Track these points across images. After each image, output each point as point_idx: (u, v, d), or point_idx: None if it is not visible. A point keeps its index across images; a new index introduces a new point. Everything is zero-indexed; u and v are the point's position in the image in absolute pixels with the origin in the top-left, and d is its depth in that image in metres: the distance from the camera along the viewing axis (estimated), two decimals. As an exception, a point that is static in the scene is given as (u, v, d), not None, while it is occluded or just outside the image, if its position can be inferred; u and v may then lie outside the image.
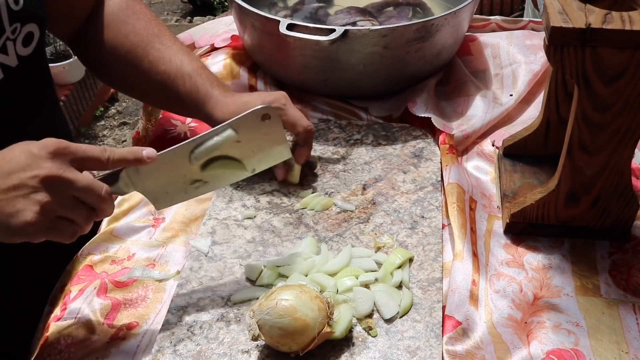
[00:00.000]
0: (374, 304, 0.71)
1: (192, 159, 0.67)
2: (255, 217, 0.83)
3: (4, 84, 0.72)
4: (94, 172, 0.64)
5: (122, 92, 0.97)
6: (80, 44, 0.90)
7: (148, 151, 0.64)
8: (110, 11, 0.87)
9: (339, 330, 0.66)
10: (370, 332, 0.68)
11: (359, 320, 0.70)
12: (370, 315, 0.70)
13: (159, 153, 0.65)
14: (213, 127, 0.71)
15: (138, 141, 1.03)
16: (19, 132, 0.73)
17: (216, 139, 0.68)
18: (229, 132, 0.68)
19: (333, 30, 0.90)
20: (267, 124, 0.69)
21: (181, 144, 0.67)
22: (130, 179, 0.65)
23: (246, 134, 0.69)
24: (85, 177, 0.61)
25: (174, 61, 0.85)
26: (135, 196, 0.88)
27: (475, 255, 0.77)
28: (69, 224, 0.62)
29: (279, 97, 0.84)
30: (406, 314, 0.70)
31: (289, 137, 0.85)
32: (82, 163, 0.62)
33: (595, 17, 0.65)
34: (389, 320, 0.70)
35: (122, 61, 0.86)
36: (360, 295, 0.70)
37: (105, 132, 2.83)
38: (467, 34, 1.10)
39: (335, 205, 0.84)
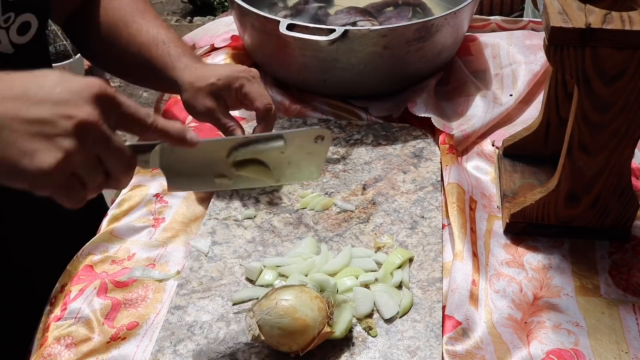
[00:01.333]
0: (374, 304, 0.71)
1: (231, 155, 0.64)
2: (255, 217, 0.83)
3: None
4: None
5: (105, 70, 1.00)
6: (72, 29, 0.93)
7: (192, 135, 0.57)
8: None
9: (339, 330, 0.66)
10: (370, 332, 0.68)
11: (359, 320, 0.70)
12: (370, 315, 0.70)
13: (201, 140, 0.58)
14: (180, 92, 0.83)
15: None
16: None
17: (265, 145, 0.65)
18: (279, 143, 0.65)
19: (333, 30, 0.90)
20: (316, 145, 0.66)
21: (226, 138, 0.68)
22: (161, 155, 0.59)
23: (293, 148, 0.66)
24: (119, 143, 0.52)
25: (151, 32, 0.87)
26: (135, 196, 0.88)
27: (475, 255, 0.77)
28: (81, 187, 0.51)
29: (249, 69, 0.83)
30: (406, 313, 0.70)
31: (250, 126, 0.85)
32: (124, 120, 0.52)
33: (595, 17, 0.65)
34: (388, 320, 0.70)
35: (107, 36, 0.88)
36: (360, 295, 0.70)
37: (105, 132, 2.83)
38: (467, 34, 1.10)
39: (335, 205, 0.84)
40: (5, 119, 0.48)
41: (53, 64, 0.90)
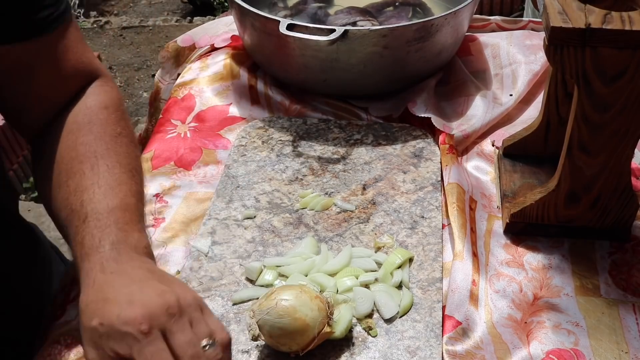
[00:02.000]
0: (374, 304, 0.71)
1: None
2: (255, 217, 0.83)
3: None
4: None
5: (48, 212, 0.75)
6: (37, 149, 0.73)
7: None
8: (72, 118, 0.71)
9: (339, 330, 0.67)
10: (370, 332, 0.68)
11: (359, 320, 0.70)
12: (370, 315, 0.70)
13: None
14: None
15: (140, 141, 1.03)
16: None
17: None
18: None
19: (333, 30, 0.90)
20: None
21: None
22: None
23: None
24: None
25: (86, 195, 0.64)
26: (135, 196, 0.88)
27: (475, 255, 0.77)
28: None
29: (181, 300, 0.56)
30: (406, 313, 0.70)
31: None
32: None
33: (595, 17, 0.65)
34: (388, 320, 0.70)
35: (51, 179, 0.68)
36: (360, 295, 0.70)
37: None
38: (467, 34, 1.10)
39: (335, 205, 0.84)
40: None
41: None
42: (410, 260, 0.76)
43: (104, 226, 0.61)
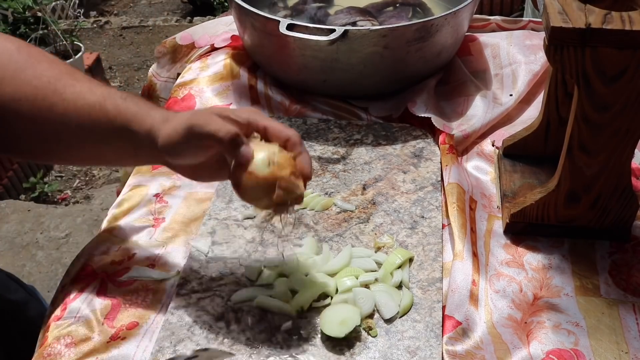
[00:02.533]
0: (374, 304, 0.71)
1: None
2: (255, 217, 0.83)
3: None
4: None
5: (31, 158, 0.79)
6: None
7: None
8: (9, 56, 0.70)
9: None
10: (370, 332, 0.68)
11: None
12: (370, 316, 0.70)
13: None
14: (156, 143, 0.66)
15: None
16: None
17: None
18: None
19: (333, 30, 0.90)
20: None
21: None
22: None
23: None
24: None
25: (97, 90, 0.69)
26: (135, 196, 0.88)
27: (475, 255, 0.77)
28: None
29: (251, 109, 0.71)
30: (406, 314, 0.70)
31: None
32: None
33: (595, 17, 0.65)
34: (388, 321, 0.70)
35: (28, 112, 0.68)
36: (360, 296, 0.70)
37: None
38: (467, 34, 1.10)
39: (335, 205, 0.84)
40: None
41: None
42: (410, 260, 0.76)
43: (141, 100, 0.70)
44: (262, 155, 0.64)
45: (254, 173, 0.63)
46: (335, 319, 0.67)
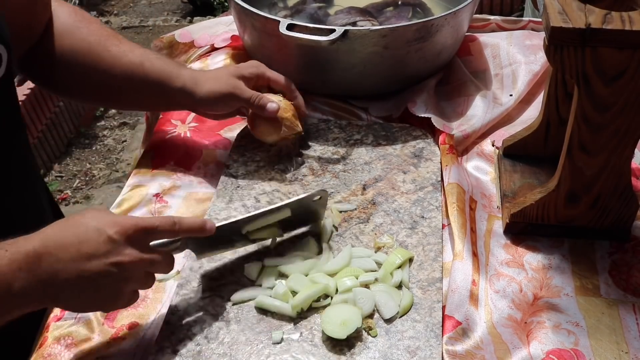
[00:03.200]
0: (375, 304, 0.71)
1: (244, 230, 0.75)
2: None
3: None
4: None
5: (84, 102, 0.97)
6: (32, 61, 0.87)
7: (210, 225, 0.69)
8: (62, 21, 0.87)
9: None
10: (370, 332, 0.68)
11: (359, 320, 0.70)
12: (370, 316, 0.70)
13: (217, 224, 0.71)
14: (192, 101, 0.87)
15: (148, 135, 1.03)
16: None
17: (273, 216, 0.76)
18: (286, 211, 0.76)
19: (333, 31, 0.90)
20: (316, 202, 0.78)
21: (238, 218, 0.74)
22: (186, 242, 0.70)
23: (297, 211, 0.77)
24: (157, 255, 0.65)
25: (136, 50, 0.87)
26: (135, 196, 0.88)
27: (475, 255, 0.77)
28: (135, 292, 0.66)
29: (254, 64, 0.91)
30: (406, 314, 0.70)
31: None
32: (155, 236, 0.66)
33: (595, 17, 0.65)
34: (388, 320, 0.70)
35: (82, 63, 0.86)
36: (360, 296, 0.70)
37: (105, 132, 2.83)
38: (467, 34, 1.10)
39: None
40: (71, 279, 0.60)
41: None
42: (410, 260, 0.76)
43: (174, 61, 0.93)
44: None
45: None
46: (336, 320, 0.67)
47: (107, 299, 0.63)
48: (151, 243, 0.66)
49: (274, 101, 0.86)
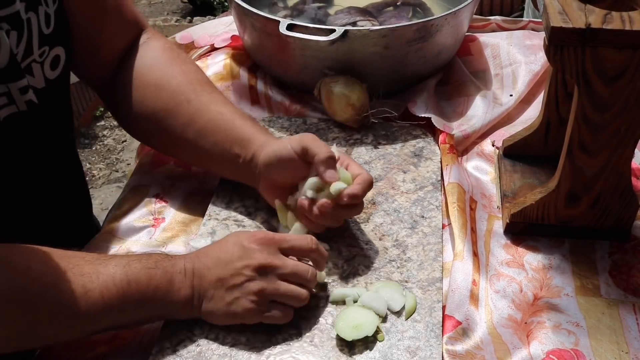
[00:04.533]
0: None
1: None
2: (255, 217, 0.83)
3: (31, 105, 0.70)
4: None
5: (150, 143, 0.92)
6: (109, 90, 0.86)
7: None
8: (152, 54, 0.84)
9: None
10: (377, 336, 0.68)
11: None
12: (383, 320, 0.70)
13: None
14: (255, 169, 0.78)
15: (144, 147, 1.02)
16: (41, 162, 0.74)
17: None
18: None
19: (333, 30, 0.90)
20: None
21: None
22: None
23: None
24: (290, 262, 0.68)
25: (229, 104, 0.83)
26: (135, 196, 0.88)
27: (475, 255, 0.77)
28: (282, 307, 0.68)
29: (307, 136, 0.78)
30: (411, 315, 0.70)
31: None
32: (289, 251, 0.69)
33: (595, 17, 0.65)
34: (398, 313, 0.70)
35: (165, 100, 0.81)
36: (370, 299, 0.70)
37: (105, 132, 2.83)
38: (467, 34, 1.10)
39: None
40: (212, 283, 0.67)
41: None
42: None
43: (255, 124, 0.81)
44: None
45: None
46: (350, 322, 0.68)
47: (241, 303, 0.66)
48: None
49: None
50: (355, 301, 0.71)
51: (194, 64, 0.86)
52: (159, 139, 0.86)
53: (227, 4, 3.07)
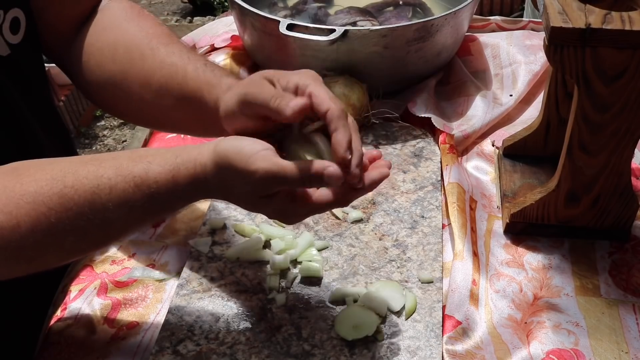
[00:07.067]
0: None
1: None
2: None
3: None
4: None
5: (112, 110, 0.85)
6: (68, 56, 0.79)
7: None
8: (110, 15, 0.78)
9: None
10: (377, 336, 0.68)
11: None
12: (383, 321, 0.70)
13: None
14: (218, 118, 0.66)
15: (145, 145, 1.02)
16: (16, 128, 0.72)
17: None
18: None
19: (333, 30, 0.90)
20: None
21: None
22: None
23: None
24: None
25: (185, 55, 0.72)
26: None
27: (475, 254, 0.77)
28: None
29: (309, 73, 0.67)
30: (411, 315, 0.70)
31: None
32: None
33: (595, 17, 0.65)
34: (399, 312, 0.70)
35: (120, 60, 0.74)
36: (371, 299, 0.70)
37: (105, 132, 2.83)
38: (467, 34, 1.10)
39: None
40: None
41: (53, 64, 0.84)
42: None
43: (212, 71, 0.70)
44: None
45: None
46: (350, 321, 0.68)
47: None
48: None
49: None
50: (355, 301, 0.71)
51: (153, 18, 0.78)
52: (121, 105, 0.77)
53: (227, 4, 3.07)
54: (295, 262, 0.76)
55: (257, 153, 0.56)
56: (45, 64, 0.81)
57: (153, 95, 0.72)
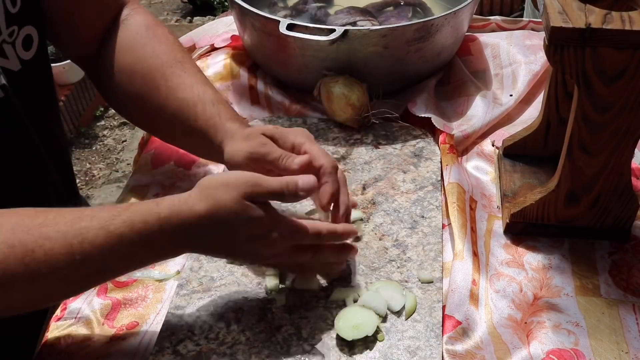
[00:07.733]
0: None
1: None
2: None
3: (8, 88, 0.69)
4: None
5: (132, 122, 0.94)
6: (93, 69, 0.86)
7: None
8: (129, 35, 0.83)
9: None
10: (377, 335, 0.68)
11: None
12: (383, 320, 0.70)
13: None
14: (223, 153, 0.75)
15: (142, 145, 1.03)
16: (24, 139, 0.73)
17: None
18: None
19: (333, 30, 0.90)
20: None
21: None
22: None
23: None
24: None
25: (196, 87, 0.79)
26: (135, 196, 0.88)
27: (475, 254, 0.77)
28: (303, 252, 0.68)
29: (301, 132, 0.76)
30: (411, 315, 0.70)
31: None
32: (272, 198, 0.66)
33: (595, 17, 0.65)
34: (399, 312, 0.70)
35: (138, 86, 0.81)
36: (370, 299, 0.70)
37: (105, 132, 2.83)
38: (467, 34, 1.10)
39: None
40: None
41: (53, 64, 0.85)
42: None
43: (228, 109, 0.80)
44: None
45: None
46: (350, 321, 0.68)
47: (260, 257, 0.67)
48: None
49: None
50: (355, 301, 0.71)
51: (168, 42, 0.83)
52: (142, 121, 0.88)
53: (227, 4, 3.07)
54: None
55: (240, 171, 0.67)
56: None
57: (166, 121, 0.81)
